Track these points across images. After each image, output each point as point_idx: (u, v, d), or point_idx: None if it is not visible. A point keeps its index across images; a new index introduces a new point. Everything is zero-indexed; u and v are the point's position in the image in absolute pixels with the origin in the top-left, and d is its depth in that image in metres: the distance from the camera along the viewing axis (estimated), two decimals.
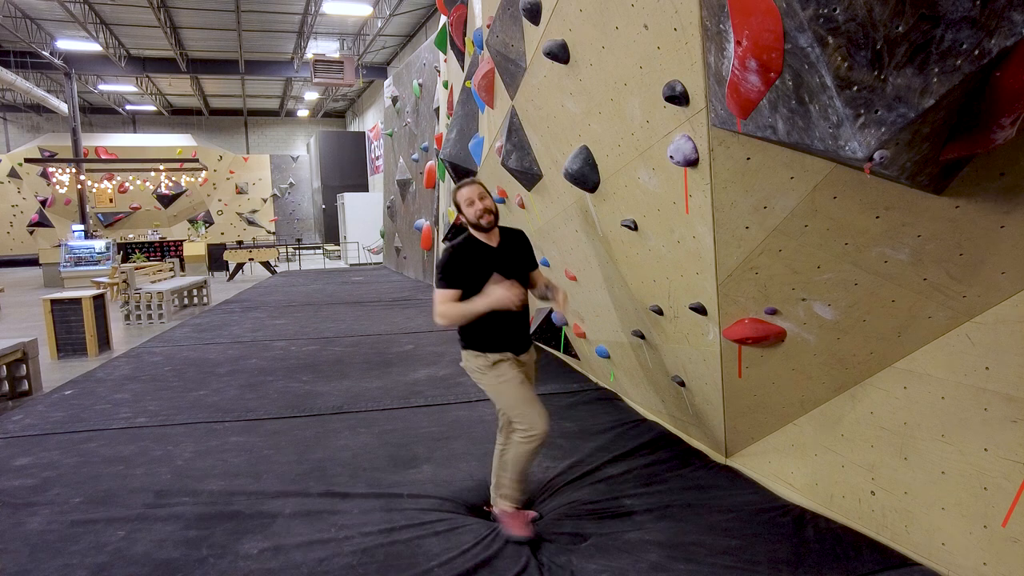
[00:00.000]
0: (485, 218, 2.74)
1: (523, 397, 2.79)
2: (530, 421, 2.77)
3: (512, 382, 2.79)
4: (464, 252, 2.77)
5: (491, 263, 2.75)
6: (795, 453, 3.15)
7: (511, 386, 2.79)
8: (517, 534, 2.81)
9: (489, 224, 2.76)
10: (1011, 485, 2.19)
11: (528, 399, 2.79)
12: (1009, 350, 2.11)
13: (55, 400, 5.30)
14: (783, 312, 2.76)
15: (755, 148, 2.34)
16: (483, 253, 2.78)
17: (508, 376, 2.80)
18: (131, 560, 2.75)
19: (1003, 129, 1.71)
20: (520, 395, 2.79)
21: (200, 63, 18.96)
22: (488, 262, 2.76)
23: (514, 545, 2.80)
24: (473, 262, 2.74)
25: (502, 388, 2.81)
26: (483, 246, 2.80)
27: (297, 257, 20.21)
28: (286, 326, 8.60)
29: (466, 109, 6.11)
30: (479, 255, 2.77)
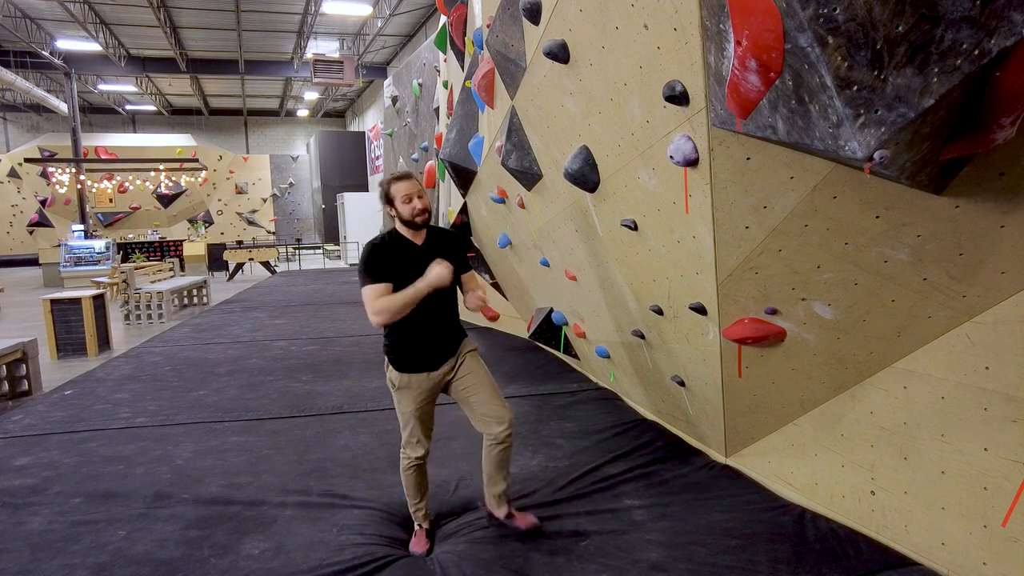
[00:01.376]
0: (421, 217, 2.63)
1: (413, 426, 2.77)
2: (411, 442, 2.79)
3: (406, 410, 2.76)
4: (387, 248, 2.66)
5: (416, 261, 2.63)
6: (795, 453, 3.15)
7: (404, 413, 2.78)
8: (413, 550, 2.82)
9: (423, 222, 2.66)
10: (1011, 485, 2.19)
11: (417, 428, 2.77)
12: (1009, 350, 2.11)
13: (55, 400, 5.30)
14: (783, 312, 2.76)
15: (755, 148, 2.34)
16: (407, 250, 2.67)
17: (404, 404, 2.76)
18: (132, 560, 2.75)
19: (1003, 129, 1.71)
20: (410, 423, 2.78)
21: (200, 63, 18.96)
22: (413, 260, 2.63)
23: (514, 543, 2.80)
24: (397, 259, 2.63)
25: (397, 408, 2.80)
26: (407, 243, 2.68)
27: (297, 257, 20.20)
28: (286, 326, 8.60)
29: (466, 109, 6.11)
30: (403, 252, 2.65)
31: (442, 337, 2.77)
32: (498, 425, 2.75)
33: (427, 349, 2.73)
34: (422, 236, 2.71)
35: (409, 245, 2.68)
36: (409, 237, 2.69)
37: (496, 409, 2.78)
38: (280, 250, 19.02)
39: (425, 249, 2.69)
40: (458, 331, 2.85)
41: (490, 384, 2.81)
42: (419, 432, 2.79)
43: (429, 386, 2.75)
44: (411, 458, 2.81)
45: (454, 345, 2.81)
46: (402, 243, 2.68)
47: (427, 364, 2.73)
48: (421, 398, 2.75)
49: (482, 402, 2.78)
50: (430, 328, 2.71)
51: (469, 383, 2.79)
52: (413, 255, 2.65)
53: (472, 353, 2.85)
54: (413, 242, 2.69)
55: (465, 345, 2.85)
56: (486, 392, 2.78)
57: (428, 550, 2.82)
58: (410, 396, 2.74)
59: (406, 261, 2.63)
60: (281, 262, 19.58)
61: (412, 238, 2.69)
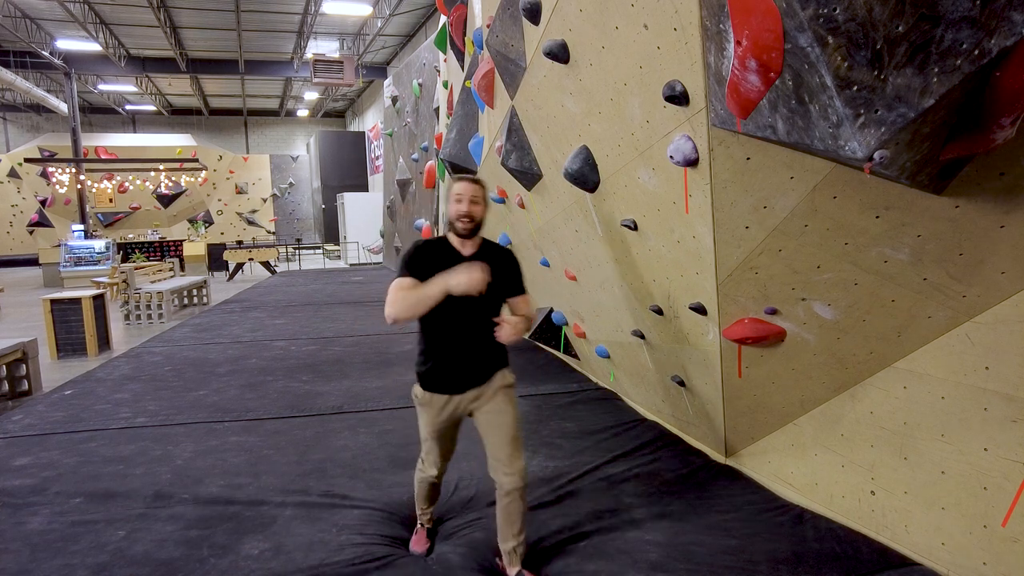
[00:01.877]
0: (461, 222, 2.40)
1: (430, 446, 2.65)
2: (428, 460, 2.69)
3: (426, 428, 2.63)
4: (430, 250, 2.45)
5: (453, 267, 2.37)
6: (795, 453, 3.15)
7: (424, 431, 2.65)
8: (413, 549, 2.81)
9: (464, 230, 2.42)
10: (1011, 485, 2.19)
11: (434, 449, 2.64)
12: (1009, 350, 2.11)
13: (55, 400, 5.30)
14: (783, 312, 2.76)
15: (755, 148, 2.34)
16: (450, 258, 2.42)
17: (425, 421, 2.62)
18: (131, 560, 2.75)
19: (1003, 129, 1.71)
20: (428, 442, 2.65)
21: (200, 63, 18.95)
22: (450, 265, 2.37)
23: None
24: (436, 262, 2.38)
25: (420, 423, 2.68)
26: (452, 251, 2.46)
27: (297, 257, 20.20)
28: (286, 326, 8.60)
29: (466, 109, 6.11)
30: (445, 258, 2.41)
31: (474, 360, 2.52)
32: (505, 474, 2.49)
33: (454, 369, 2.51)
34: (471, 247, 2.48)
35: (453, 253, 2.45)
36: (456, 246, 2.47)
37: (506, 457, 2.50)
38: (280, 250, 19.02)
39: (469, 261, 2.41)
40: (495, 357, 2.56)
41: (512, 428, 2.53)
42: (435, 453, 2.65)
43: (451, 410, 2.55)
44: (425, 474, 2.75)
45: (487, 371, 2.54)
46: (447, 249, 2.46)
47: (451, 385, 2.52)
48: (441, 421, 2.56)
49: (495, 444, 2.52)
50: (462, 347, 2.49)
51: (491, 420, 2.53)
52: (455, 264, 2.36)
53: (507, 389, 2.57)
54: (459, 251, 2.46)
55: (501, 377, 2.57)
56: (503, 435, 2.51)
57: (428, 550, 2.81)
58: (430, 416, 2.58)
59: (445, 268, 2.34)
60: (281, 262, 19.58)
61: (459, 247, 2.47)
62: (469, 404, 2.54)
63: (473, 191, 2.42)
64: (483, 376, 2.53)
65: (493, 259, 2.43)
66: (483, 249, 2.51)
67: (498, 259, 2.48)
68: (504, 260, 2.54)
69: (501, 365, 2.59)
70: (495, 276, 2.35)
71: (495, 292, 2.40)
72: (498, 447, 2.51)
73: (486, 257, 2.43)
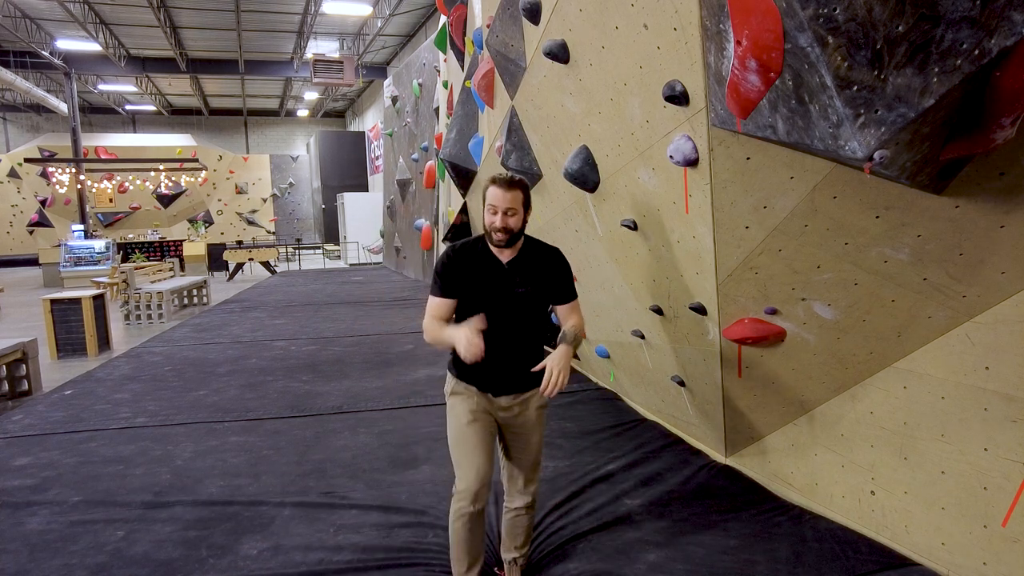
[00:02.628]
0: (498, 236, 2.21)
1: (462, 442, 2.30)
2: (459, 473, 2.30)
3: (458, 420, 2.33)
4: (465, 256, 2.29)
5: (495, 281, 2.25)
6: (795, 453, 3.15)
7: (454, 425, 2.35)
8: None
9: (500, 242, 2.23)
10: (1011, 485, 2.19)
11: (467, 447, 2.28)
12: (1009, 350, 2.11)
13: (55, 400, 5.30)
14: (783, 312, 2.76)
15: (755, 148, 2.34)
16: (487, 265, 2.27)
17: (456, 412, 2.35)
18: (130, 560, 2.75)
19: (1003, 129, 1.71)
20: (460, 438, 2.31)
21: (200, 63, 18.96)
22: (491, 279, 2.26)
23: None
24: (473, 271, 2.26)
25: (449, 422, 2.39)
26: (490, 257, 2.28)
27: (297, 257, 20.20)
28: (286, 326, 8.59)
29: (466, 109, 6.11)
30: (482, 266, 2.27)
31: (509, 369, 2.31)
32: (519, 493, 2.45)
33: (490, 374, 2.31)
34: (509, 254, 2.28)
35: (491, 260, 2.27)
36: (495, 252, 2.28)
37: (524, 480, 2.44)
38: (280, 250, 19.02)
39: (508, 271, 2.27)
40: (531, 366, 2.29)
41: (538, 453, 2.44)
42: (475, 458, 2.25)
43: (486, 407, 2.34)
44: (459, 504, 2.27)
45: (522, 383, 2.34)
46: (484, 256, 2.28)
47: (488, 385, 2.33)
48: (476, 413, 2.32)
49: (518, 464, 2.43)
50: (498, 355, 2.24)
51: (520, 440, 2.40)
52: (493, 273, 2.26)
53: (540, 412, 2.42)
54: (498, 258, 2.27)
55: (537, 396, 2.38)
56: (529, 458, 2.42)
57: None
58: (463, 404, 2.33)
59: (483, 278, 2.25)
60: (281, 262, 19.58)
61: (498, 254, 2.28)
62: (501, 412, 2.36)
63: (510, 200, 2.18)
64: (520, 384, 2.35)
65: (535, 263, 2.30)
66: (524, 253, 2.30)
67: (541, 262, 2.32)
68: (548, 263, 2.35)
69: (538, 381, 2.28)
70: (536, 282, 2.27)
71: (537, 299, 2.28)
72: (520, 468, 2.43)
73: (528, 264, 2.29)
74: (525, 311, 2.29)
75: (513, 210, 2.18)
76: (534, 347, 2.37)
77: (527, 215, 2.26)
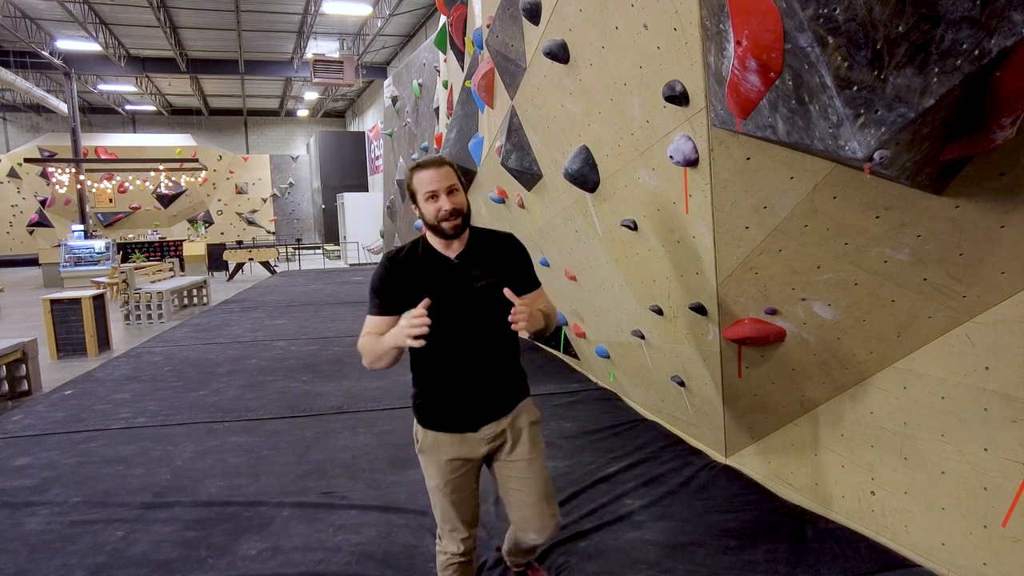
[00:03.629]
0: (449, 222, 1.86)
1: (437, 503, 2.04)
2: (443, 529, 2.06)
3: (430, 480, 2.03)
4: (405, 264, 1.94)
5: (447, 282, 1.90)
6: (795, 453, 3.15)
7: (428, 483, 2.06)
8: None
9: (453, 230, 1.87)
10: (1011, 485, 2.18)
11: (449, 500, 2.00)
12: (1009, 350, 2.11)
13: (55, 400, 5.30)
14: (783, 312, 2.75)
15: (755, 148, 2.33)
16: (435, 266, 1.93)
17: (429, 472, 2.03)
18: (130, 561, 2.75)
19: (1003, 129, 1.71)
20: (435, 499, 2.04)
21: (200, 63, 18.96)
22: (443, 281, 1.90)
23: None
24: (418, 279, 1.91)
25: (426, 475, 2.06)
26: (435, 256, 1.94)
27: (297, 257, 20.20)
28: (286, 326, 8.59)
29: (466, 109, 6.11)
30: (428, 268, 1.92)
31: (485, 388, 1.98)
32: (535, 533, 2.05)
33: (462, 401, 1.97)
34: (458, 246, 1.94)
35: (437, 259, 1.94)
36: (440, 249, 1.94)
37: (537, 517, 2.02)
38: (280, 250, 19.02)
39: (459, 265, 1.93)
40: (513, 383, 2.06)
41: (543, 482, 2.04)
42: (452, 517, 2.01)
43: (465, 453, 1.99)
44: (446, 554, 2.05)
45: (505, 402, 2.02)
46: (428, 257, 1.95)
47: (461, 422, 1.98)
48: (453, 469, 1.99)
49: (524, 503, 2.03)
50: (468, 372, 1.95)
51: (518, 473, 2.02)
52: (442, 272, 1.92)
53: (533, 429, 2.06)
54: (444, 255, 1.94)
55: (524, 411, 2.06)
56: (534, 492, 2.02)
57: None
58: (436, 464, 1.99)
59: (432, 281, 1.89)
60: (281, 262, 19.58)
61: (443, 250, 1.94)
62: (486, 446, 2.00)
63: (445, 175, 1.87)
64: (500, 407, 2.01)
65: (489, 252, 1.97)
66: (473, 243, 1.97)
67: (496, 252, 1.99)
68: (504, 251, 2.01)
69: (521, 393, 2.08)
70: (495, 272, 1.93)
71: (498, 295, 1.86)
72: (528, 506, 2.02)
73: (480, 254, 1.96)
74: (489, 312, 1.90)
75: (454, 186, 1.88)
76: (506, 357, 2.01)
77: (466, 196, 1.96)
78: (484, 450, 2.01)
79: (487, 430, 1.99)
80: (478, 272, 1.93)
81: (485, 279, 1.93)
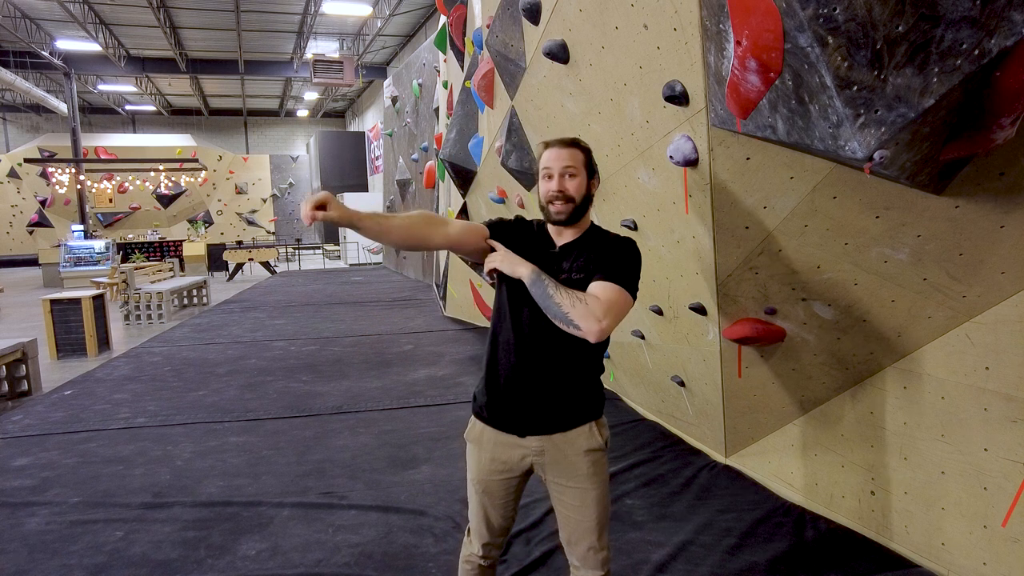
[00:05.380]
0: (555, 205, 1.74)
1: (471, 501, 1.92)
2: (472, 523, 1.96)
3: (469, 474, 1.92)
4: (523, 228, 1.87)
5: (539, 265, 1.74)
6: (795, 453, 3.15)
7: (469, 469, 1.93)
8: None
9: (559, 214, 1.75)
10: (1011, 485, 2.18)
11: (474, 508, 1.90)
12: (1009, 350, 2.11)
13: (54, 400, 5.30)
14: (783, 312, 2.75)
15: (755, 148, 2.33)
16: (538, 243, 1.82)
17: (469, 465, 1.92)
18: (129, 561, 2.75)
19: (1003, 129, 1.71)
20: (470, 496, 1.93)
21: (200, 63, 18.96)
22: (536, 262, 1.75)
23: (513, 547, 2.79)
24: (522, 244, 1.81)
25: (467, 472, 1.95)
26: (544, 237, 1.84)
27: (297, 257, 20.20)
28: (286, 326, 8.59)
29: (466, 109, 6.11)
30: (532, 242, 1.83)
31: (542, 391, 1.77)
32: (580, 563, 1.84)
33: (515, 396, 1.78)
34: (571, 234, 1.81)
35: (543, 239, 1.84)
36: (551, 233, 1.84)
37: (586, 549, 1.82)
38: (280, 250, 19.02)
39: (558, 255, 1.79)
40: (579, 398, 1.82)
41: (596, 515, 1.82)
42: (480, 518, 1.90)
43: (504, 458, 1.82)
44: (468, 551, 1.97)
45: (562, 416, 1.79)
46: (539, 235, 1.85)
47: (507, 420, 1.81)
48: (492, 470, 1.84)
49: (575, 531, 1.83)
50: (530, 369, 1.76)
51: (568, 498, 1.82)
52: (541, 256, 1.78)
53: (594, 457, 1.84)
54: (552, 239, 1.83)
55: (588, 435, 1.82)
56: (585, 523, 1.81)
57: None
58: (476, 458, 1.88)
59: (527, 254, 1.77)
60: (281, 262, 19.58)
61: (554, 235, 1.83)
62: (531, 458, 1.81)
63: (568, 157, 1.74)
64: (555, 420, 1.79)
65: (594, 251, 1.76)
66: (586, 239, 1.80)
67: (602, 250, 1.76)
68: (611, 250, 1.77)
69: (588, 412, 1.83)
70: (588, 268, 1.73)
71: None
72: (576, 534, 1.82)
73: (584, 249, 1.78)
74: None
75: (573, 169, 1.73)
76: (578, 367, 1.79)
77: (593, 186, 1.78)
78: (528, 461, 1.82)
79: (534, 441, 1.79)
80: (569, 264, 1.76)
81: (579, 274, 1.74)
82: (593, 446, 1.83)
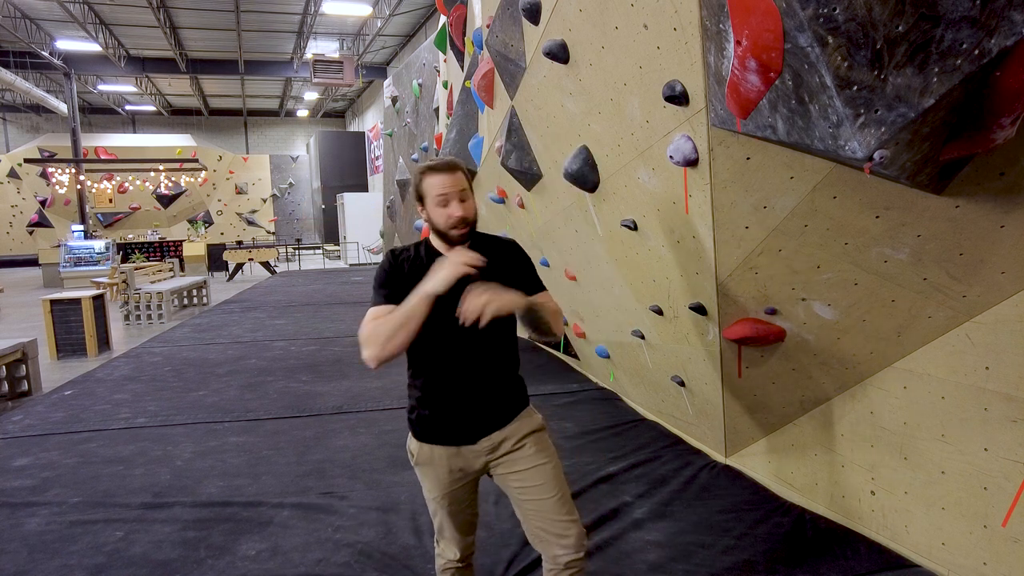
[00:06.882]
0: (458, 230, 1.82)
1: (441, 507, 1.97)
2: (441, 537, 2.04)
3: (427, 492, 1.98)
4: (411, 262, 1.89)
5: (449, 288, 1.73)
6: (795, 453, 3.15)
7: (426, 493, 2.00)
8: None
9: (461, 237, 1.85)
10: (1011, 485, 2.18)
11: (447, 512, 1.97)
12: (1009, 350, 2.11)
13: (55, 400, 5.30)
14: (783, 312, 2.75)
15: (755, 148, 2.33)
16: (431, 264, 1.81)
17: (426, 486, 1.97)
18: (129, 561, 2.75)
19: (1003, 129, 1.70)
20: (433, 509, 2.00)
21: (200, 63, 18.97)
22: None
23: (514, 547, 2.79)
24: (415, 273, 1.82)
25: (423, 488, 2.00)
26: (435, 255, 1.88)
27: (297, 257, 20.21)
28: (286, 326, 8.59)
29: (466, 109, 6.11)
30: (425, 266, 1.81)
31: (484, 396, 1.90)
32: (560, 547, 1.87)
33: (459, 411, 1.88)
34: None
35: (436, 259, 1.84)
36: (445, 252, 1.88)
37: (559, 525, 1.89)
38: (280, 250, 19.02)
39: None
40: (512, 393, 1.98)
41: (558, 487, 1.93)
42: (450, 527, 1.99)
43: (461, 465, 1.91)
44: (444, 559, 2.05)
45: (504, 412, 1.94)
46: (430, 260, 1.85)
47: (458, 434, 1.89)
48: (451, 482, 1.92)
49: (541, 511, 1.90)
50: (466, 381, 1.88)
51: (526, 481, 1.91)
52: None
53: (537, 436, 1.97)
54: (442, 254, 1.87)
55: (526, 420, 1.98)
56: (550, 498, 1.90)
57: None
58: (433, 477, 1.93)
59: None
60: (281, 262, 19.58)
61: (444, 251, 1.89)
62: (484, 458, 1.92)
63: (461, 184, 1.83)
64: (498, 419, 1.92)
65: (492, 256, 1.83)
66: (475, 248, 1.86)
67: (498, 256, 1.89)
68: (506, 255, 1.95)
69: (520, 403, 2.00)
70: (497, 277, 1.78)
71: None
72: (543, 513, 1.90)
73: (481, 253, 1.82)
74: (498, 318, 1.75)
75: (465, 192, 1.83)
76: (506, 366, 1.95)
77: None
78: (482, 462, 1.93)
79: (485, 442, 1.90)
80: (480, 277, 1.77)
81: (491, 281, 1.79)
82: (536, 427, 1.99)
